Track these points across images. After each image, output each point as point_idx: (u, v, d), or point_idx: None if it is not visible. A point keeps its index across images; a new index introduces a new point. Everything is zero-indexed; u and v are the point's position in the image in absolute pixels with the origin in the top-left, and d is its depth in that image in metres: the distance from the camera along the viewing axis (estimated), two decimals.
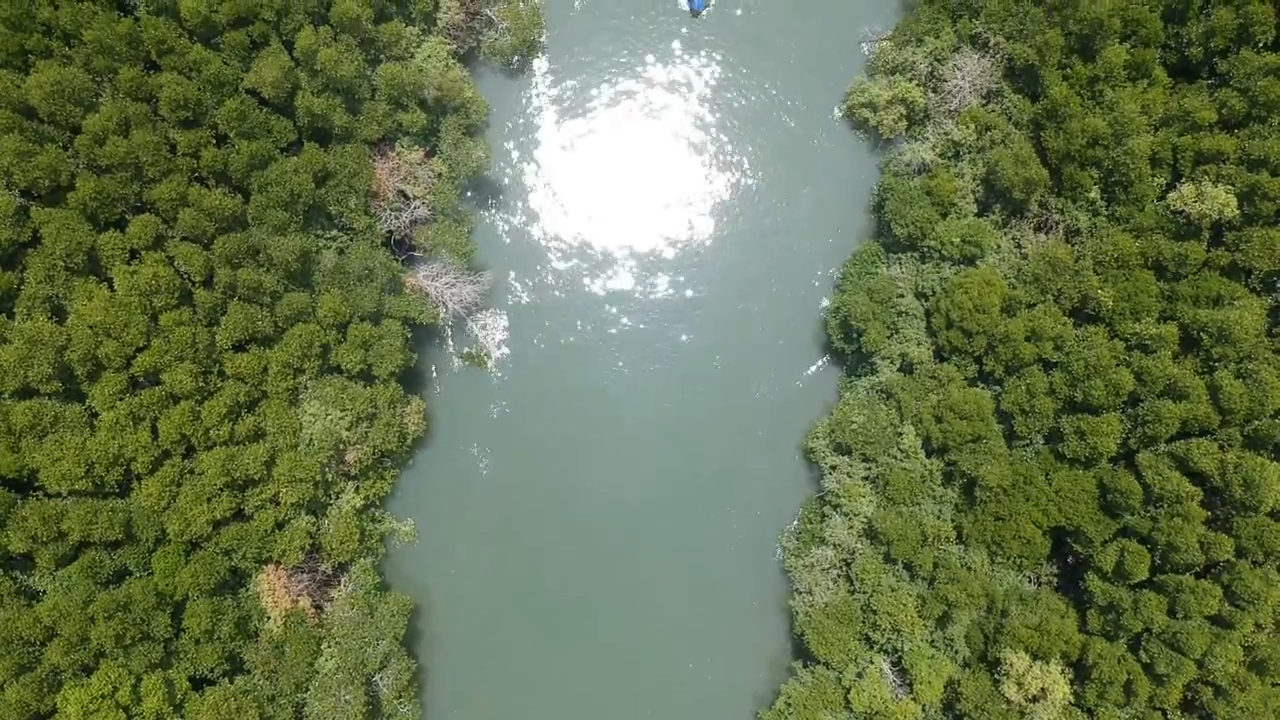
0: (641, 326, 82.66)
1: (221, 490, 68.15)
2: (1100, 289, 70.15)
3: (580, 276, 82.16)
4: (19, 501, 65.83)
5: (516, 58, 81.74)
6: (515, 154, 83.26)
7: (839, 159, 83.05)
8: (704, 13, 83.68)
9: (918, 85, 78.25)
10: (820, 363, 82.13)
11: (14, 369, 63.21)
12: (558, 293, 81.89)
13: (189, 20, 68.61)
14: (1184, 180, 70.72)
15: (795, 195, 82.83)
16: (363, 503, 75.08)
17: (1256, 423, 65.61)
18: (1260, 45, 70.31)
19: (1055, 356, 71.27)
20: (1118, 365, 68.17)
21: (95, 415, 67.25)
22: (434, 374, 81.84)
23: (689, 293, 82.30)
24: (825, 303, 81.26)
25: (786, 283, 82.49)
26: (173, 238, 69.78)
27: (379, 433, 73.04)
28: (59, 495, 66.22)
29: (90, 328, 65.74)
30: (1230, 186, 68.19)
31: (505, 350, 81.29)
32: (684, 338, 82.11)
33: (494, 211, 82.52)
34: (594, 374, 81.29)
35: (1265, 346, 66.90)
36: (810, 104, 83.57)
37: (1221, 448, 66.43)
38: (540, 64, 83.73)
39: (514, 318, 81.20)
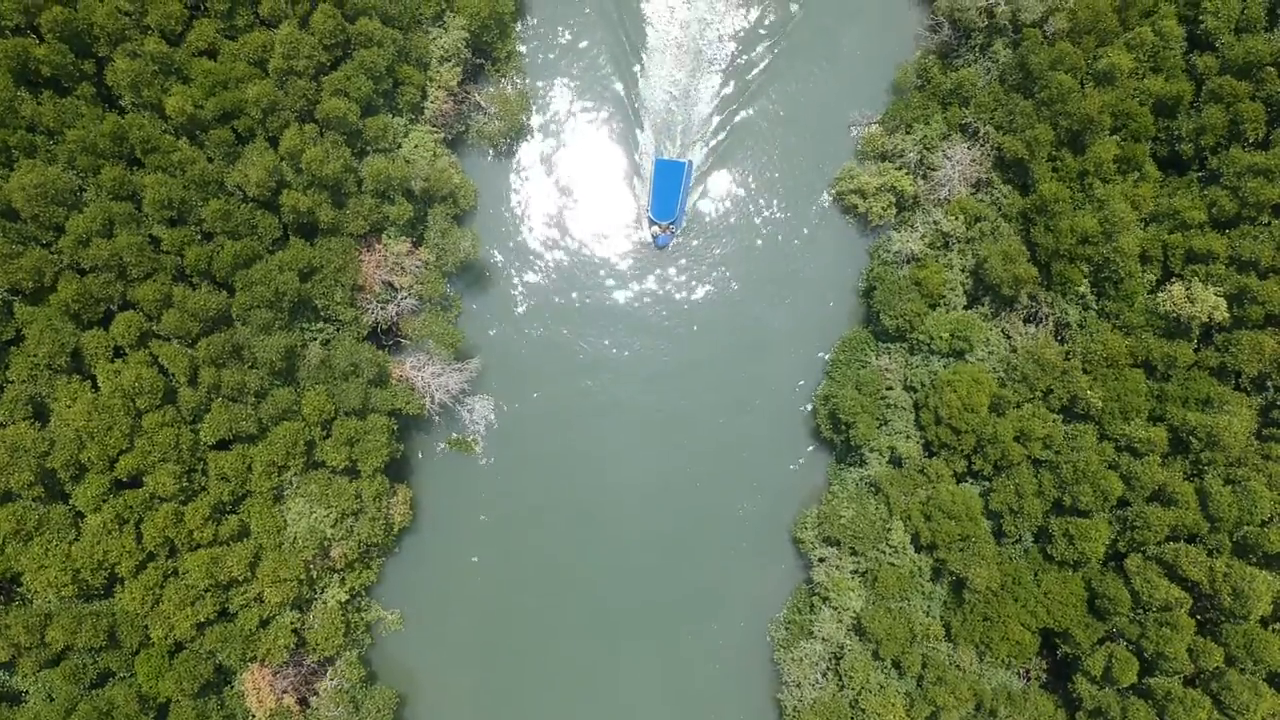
0: (629, 405, 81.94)
1: (205, 592, 67.84)
2: (1089, 389, 69.80)
3: (567, 361, 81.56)
4: (4, 607, 65.70)
5: (504, 140, 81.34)
6: (503, 236, 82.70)
7: (828, 242, 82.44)
8: (672, 243, 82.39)
9: (907, 174, 77.89)
10: (810, 448, 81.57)
11: None
12: (545, 377, 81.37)
13: (174, 118, 68.28)
14: (1174, 279, 70.42)
15: (786, 280, 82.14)
16: (347, 595, 74.63)
17: (1246, 529, 65.28)
18: (1250, 142, 70.05)
19: (1044, 455, 70.91)
20: (1107, 468, 67.77)
21: (80, 515, 67.05)
22: (420, 458, 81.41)
23: (676, 380, 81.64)
24: (810, 402, 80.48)
25: (776, 366, 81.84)
26: (157, 334, 69.43)
27: (365, 527, 72.67)
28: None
29: (74, 431, 65.41)
30: (1219, 288, 67.91)
31: (493, 434, 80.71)
32: (671, 421, 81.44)
33: (481, 295, 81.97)
34: (582, 462, 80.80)
35: (1254, 451, 66.55)
36: (800, 185, 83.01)
37: (1210, 553, 66.09)
38: (529, 145, 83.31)
39: (501, 405, 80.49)
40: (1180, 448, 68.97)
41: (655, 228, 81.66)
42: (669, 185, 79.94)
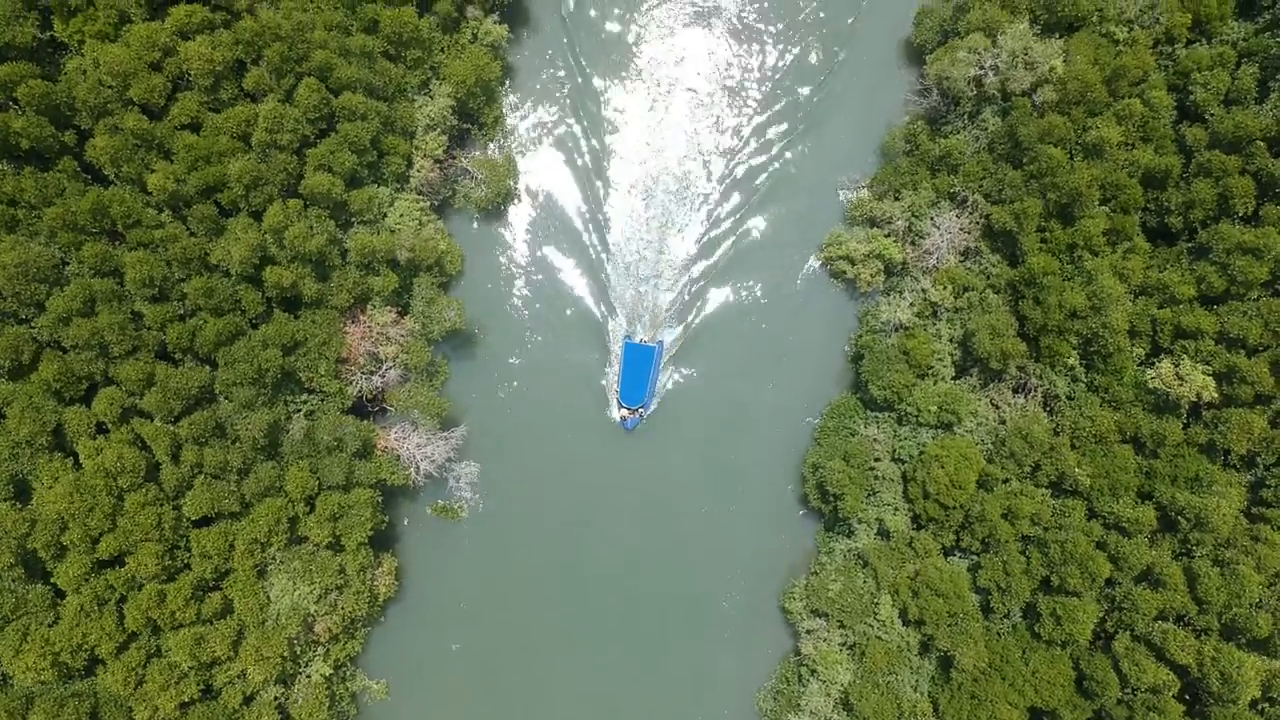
0: (615, 472, 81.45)
1: (189, 672, 67.28)
2: (1078, 466, 69.32)
3: (552, 428, 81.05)
4: None
5: (491, 205, 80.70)
6: (491, 301, 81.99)
7: (817, 306, 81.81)
8: (639, 426, 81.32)
9: (895, 241, 77.37)
10: (800, 513, 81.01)
11: None
12: (530, 448, 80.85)
13: (156, 195, 67.66)
14: (1163, 355, 69.98)
15: (775, 346, 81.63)
16: (332, 669, 74.04)
17: (1235, 611, 64.79)
18: (1240, 217, 69.61)
19: (1033, 532, 70.43)
20: (1095, 547, 67.28)
21: (60, 595, 66.43)
22: (405, 524, 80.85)
23: (663, 449, 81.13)
24: (799, 471, 79.84)
25: (765, 432, 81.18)
26: (140, 410, 68.75)
27: (349, 601, 72.17)
28: None
29: (55, 512, 64.71)
30: (1208, 366, 67.48)
31: (476, 513, 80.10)
32: (657, 492, 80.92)
33: (469, 360, 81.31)
34: (565, 527, 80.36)
35: (1243, 531, 66.12)
36: (789, 251, 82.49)
37: (1199, 635, 65.66)
38: (516, 209, 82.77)
39: (488, 470, 79.79)
40: (1169, 526, 68.54)
41: (624, 411, 79.91)
42: (639, 370, 78.38)
